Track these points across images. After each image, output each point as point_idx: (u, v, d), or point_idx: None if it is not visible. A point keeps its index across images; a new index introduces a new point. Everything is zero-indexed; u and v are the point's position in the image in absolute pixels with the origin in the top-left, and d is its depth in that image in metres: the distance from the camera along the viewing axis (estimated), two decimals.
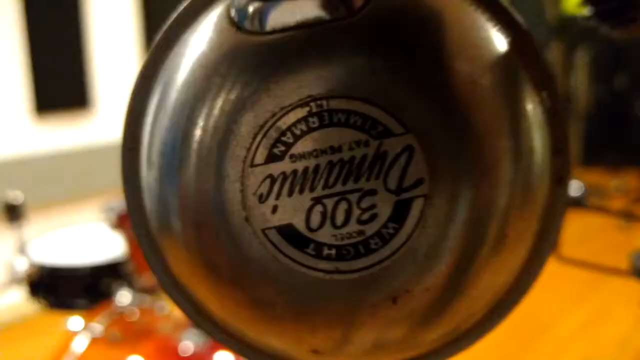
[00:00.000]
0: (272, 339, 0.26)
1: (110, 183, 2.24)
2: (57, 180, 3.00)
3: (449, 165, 0.22)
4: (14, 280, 1.48)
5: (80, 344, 1.62)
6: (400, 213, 0.23)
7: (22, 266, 1.49)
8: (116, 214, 1.72)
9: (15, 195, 1.59)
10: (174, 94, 0.24)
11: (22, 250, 1.55)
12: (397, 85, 0.22)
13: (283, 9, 0.22)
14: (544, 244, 0.24)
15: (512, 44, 0.23)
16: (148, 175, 0.26)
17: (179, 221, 0.25)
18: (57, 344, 1.66)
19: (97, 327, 1.64)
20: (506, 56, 0.22)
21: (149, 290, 1.88)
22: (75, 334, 1.64)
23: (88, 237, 2.09)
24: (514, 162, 0.22)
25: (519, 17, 0.23)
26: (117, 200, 1.69)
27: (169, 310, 1.85)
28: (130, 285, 1.78)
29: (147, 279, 1.76)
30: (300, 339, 0.25)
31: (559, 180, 0.23)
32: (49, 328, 1.76)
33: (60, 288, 1.87)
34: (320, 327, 0.25)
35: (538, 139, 0.23)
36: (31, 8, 2.88)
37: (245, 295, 0.25)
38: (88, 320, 1.68)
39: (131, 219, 0.27)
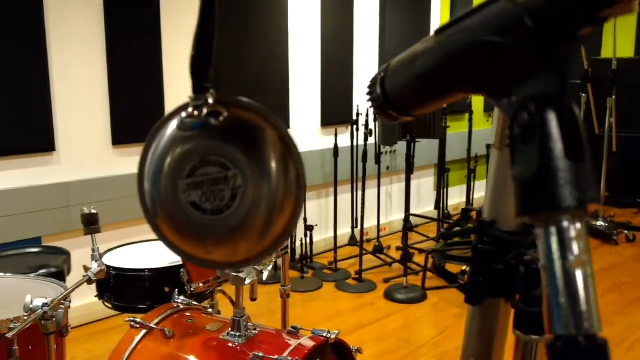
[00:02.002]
0: (207, 253, 0.60)
1: None
2: (130, 201, 3.36)
3: (251, 181, 0.55)
4: (87, 280, 1.75)
5: (138, 338, 1.88)
6: (233, 197, 0.56)
7: (95, 269, 1.77)
8: None
9: (92, 210, 1.88)
10: (157, 152, 0.57)
11: (95, 256, 1.84)
12: (234, 151, 0.55)
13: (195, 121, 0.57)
14: (295, 218, 0.57)
15: (281, 139, 0.57)
16: (146, 185, 0.58)
17: (159, 209, 0.58)
18: (120, 338, 1.93)
19: (153, 324, 1.89)
20: (277, 147, 0.56)
21: (198, 296, 2.14)
22: (135, 329, 1.90)
23: (151, 250, 2.39)
24: (275, 177, 0.56)
25: (283, 128, 0.56)
26: None
27: (215, 312, 2.10)
28: (183, 290, 2.04)
29: (198, 286, 2.01)
30: (200, 249, 0.59)
31: (299, 187, 0.56)
32: (115, 326, 2.02)
33: (126, 291, 2.17)
34: (210, 243, 0.59)
35: (290, 174, 0.57)
36: (113, 55, 3.29)
37: (187, 234, 0.59)
38: (146, 318, 1.93)
39: (143, 212, 0.57)
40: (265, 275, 1.87)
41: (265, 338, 1.86)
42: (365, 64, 4.83)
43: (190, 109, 0.53)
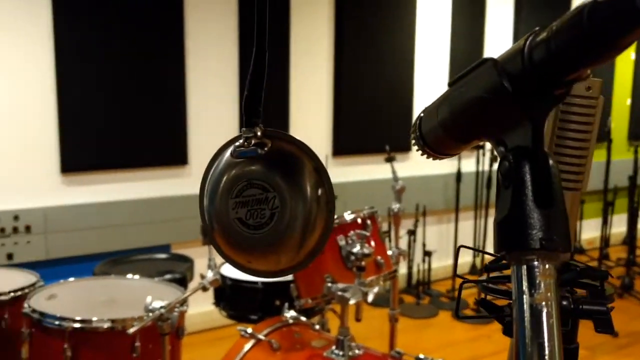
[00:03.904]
0: (250, 262, 0.68)
1: None
2: None
3: (288, 203, 0.64)
4: (202, 288, 1.86)
5: (247, 347, 1.95)
6: (272, 216, 0.64)
7: (210, 278, 1.87)
8: None
9: None
10: (215, 174, 0.68)
11: (211, 265, 1.94)
12: (274, 177, 0.65)
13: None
14: (326, 237, 0.66)
15: (315, 170, 0.66)
16: (205, 201, 0.68)
17: (214, 222, 0.67)
18: (230, 347, 2.01)
19: (262, 335, 1.96)
20: (313, 175, 0.66)
21: (308, 311, 2.18)
22: (245, 338, 1.98)
23: None
24: (309, 201, 0.66)
25: (318, 161, 0.66)
26: None
27: (322, 329, 2.12)
28: (293, 305, 2.09)
29: (306, 302, 2.05)
30: (244, 258, 0.68)
31: (329, 211, 0.66)
32: (230, 335, 2.11)
33: (239, 301, 2.26)
34: (252, 253, 0.66)
35: (322, 199, 0.66)
36: None
37: (234, 245, 0.67)
38: (256, 329, 2.00)
39: (202, 224, 0.64)
40: (370, 297, 1.86)
41: (367, 358, 1.85)
42: None
43: (241, 140, 0.65)
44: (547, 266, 0.49)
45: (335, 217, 2.01)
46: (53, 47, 2.99)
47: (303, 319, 2.11)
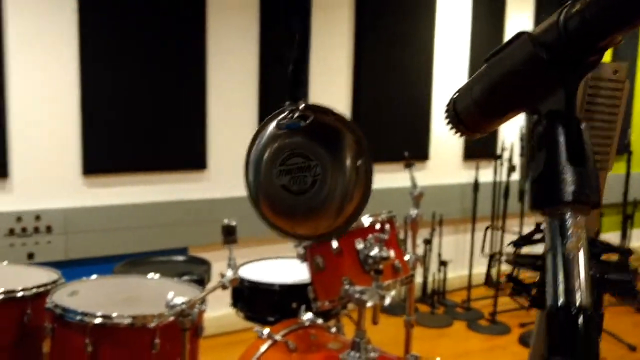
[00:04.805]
0: (293, 228, 0.80)
1: None
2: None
3: (328, 170, 0.66)
4: (222, 286, 1.88)
5: (263, 348, 1.96)
6: (313, 183, 0.73)
7: (229, 277, 1.89)
8: (303, 250, 2.07)
9: (231, 222, 2.02)
10: (260, 145, 0.79)
11: (231, 264, 1.96)
12: (316, 147, 0.82)
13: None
14: (365, 197, 0.78)
15: (356, 142, 0.76)
16: (250, 174, 0.79)
17: (259, 192, 0.77)
18: (247, 347, 2.03)
19: (279, 336, 1.97)
20: (353, 147, 0.76)
21: (324, 314, 2.19)
22: (262, 339, 1.99)
23: (283, 266, 2.50)
24: (349, 170, 0.84)
25: (359, 132, 0.84)
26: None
27: (339, 332, 2.13)
28: (310, 308, 2.10)
29: (323, 304, 2.06)
30: (288, 224, 0.64)
31: (367, 179, 0.87)
32: (247, 339, 2.12)
33: (257, 302, 2.28)
34: (295, 219, 0.73)
35: (361, 169, 0.85)
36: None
37: (278, 211, 0.69)
38: (273, 330, 2.02)
39: (247, 194, 0.72)
40: (387, 301, 1.87)
41: None
42: None
43: (285, 113, 0.72)
44: (579, 219, 0.52)
45: None
46: (77, 53, 3.05)
47: (320, 321, 2.12)
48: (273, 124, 0.71)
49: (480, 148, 4.49)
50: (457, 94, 0.68)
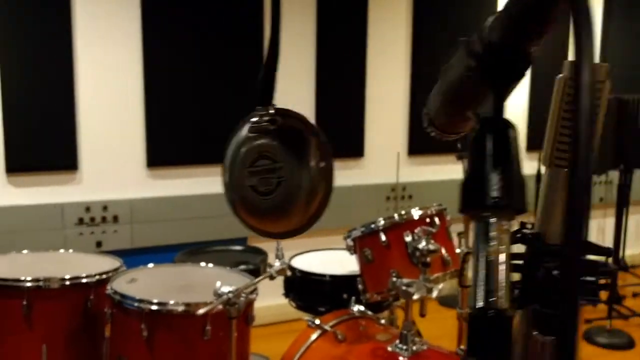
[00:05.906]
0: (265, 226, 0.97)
1: (356, 220, 2.65)
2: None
3: (292, 171, 0.86)
4: (269, 276, 1.92)
5: (313, 337, 2.00)
6: (277, 184, 0.87)
7: (277, 267, 1.93)
8: (352, 242, 2.08)
9: None
10: (232, 147, 0.99)
11: (279, 255, 2.00)
12: (282, 150, 0.89)
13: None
14: (327, 196, 0.92)
15: (318, 145, 0.88)
16: (226, 175, 1.01)
17: (233, 192, 0.98)
18: (297, 336, 2.07)
19: (328, 326, 2.00)
20: (315, 149, 0.88)
21: (375, 306, 2.20)
22: (311, 329, 2.03)
23: (334, 258, 2.52)
24: (314, 172, 0.90)
25: (322, 137, 0.78)
26: (355, 231, 2.05)
27: (387, 323, 2.13)
28: (359, 299, 2.12)
29: (372, 296, 2.08)
30: (259, 222, 0.98)
31: (328, 180, 1.03)
32: (299, 329, 2.16)
33: (308, 292, 2.32)
34: (264, 217, 0.95)
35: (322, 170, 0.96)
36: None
37: (253, 212, 0.95)
38: (323, 320, 2.05)
39: (225, 196, 0.83)
40: (434, 293, 1.86)
41: (431, 354, 1.85)
42: None
43: (255, 117, 0.80)
44: (502, 223, 0.53)
45: (403, 213, 2.02)
46: (141, 53, 3.18)
47: (369, 313, 2.13)
48: (246, 127, 0.76)
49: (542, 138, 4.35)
50: (429, 98, 0.70)
